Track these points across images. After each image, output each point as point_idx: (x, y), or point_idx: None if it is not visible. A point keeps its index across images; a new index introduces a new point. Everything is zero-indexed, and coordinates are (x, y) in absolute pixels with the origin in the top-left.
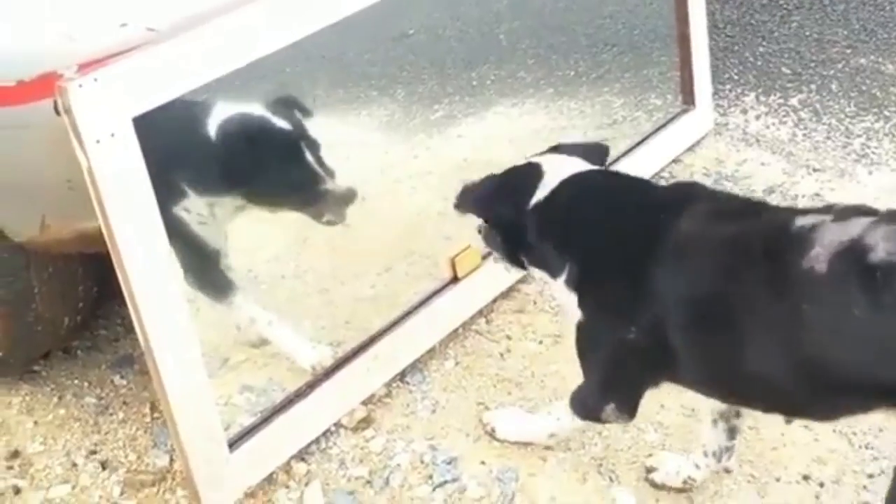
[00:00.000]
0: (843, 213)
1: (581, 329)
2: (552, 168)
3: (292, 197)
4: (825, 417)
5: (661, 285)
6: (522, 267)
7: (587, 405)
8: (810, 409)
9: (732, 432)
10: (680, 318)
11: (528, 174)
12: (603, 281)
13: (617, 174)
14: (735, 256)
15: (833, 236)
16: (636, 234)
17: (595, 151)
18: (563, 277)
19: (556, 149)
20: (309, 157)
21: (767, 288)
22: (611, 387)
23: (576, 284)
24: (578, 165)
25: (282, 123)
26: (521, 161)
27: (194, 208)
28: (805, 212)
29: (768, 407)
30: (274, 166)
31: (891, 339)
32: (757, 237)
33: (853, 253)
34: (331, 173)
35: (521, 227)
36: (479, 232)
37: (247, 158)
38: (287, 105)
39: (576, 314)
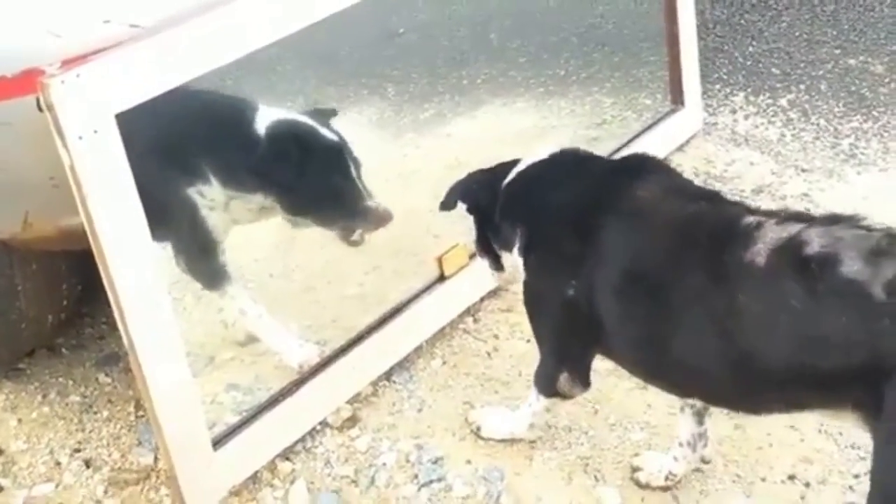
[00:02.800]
0: (786, 217)
1: (525, 287)
2: (527, 157)
3: (334, 210)
4: (749, 410)
5: (602, 247)
6: (496, 257)
7: (544, 378)
8: (734, 400)
9: (700, 416)
10: (615, 283)
11: (507, 164)
12: (547, 238)
13: (575, 150)
14: (679, 237)
15: (774, 234)
16: (583, 196)
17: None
18: (516, 246)
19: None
20: (353, 171)
21: (705, 275)
22: (559, 353)
23: (524, 248)
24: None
25: (329, 133)
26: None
27: (209, 194)
28: (754, 211)
29: (689, 392)
30: (322, 177)
31: (824, 327)
32: (705, 224)
33: (790, 247)
34: (369, 193)
35: (492, 209)
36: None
37: (295, 165)
38: (324, 115)
39: (522, 276)
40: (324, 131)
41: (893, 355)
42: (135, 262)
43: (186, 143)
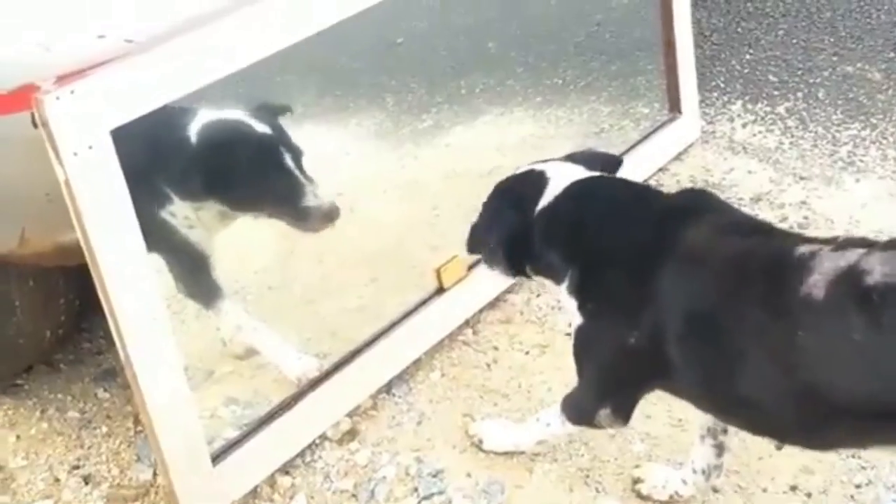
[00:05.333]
0: (843, 244)
1: (580, 332)
2: (557, 174)
3: (271, 202)
4: (819, 447)
5: (663, 293)
6: (527, 276)
7: (581, 409)
8: (803, 437)
9: (720, 449)
10: (678, 328)
11: (534, 181)
12: (606, 285)
13: (622, 180)
14: (736, 275)
15: (831, 263)
16: (641, 239)
17: (609, 162)
18: (565, 284)
19: (570, 157)
20: (289, 161)
21: (765, 311)
22: (607, 391)
23: (577, 290)
24: (581, 171)
25: (261, 127)
26: (522, 168)
27: (180, 213)
28: (808, 240)
29: (760, 430)
30: (252, 170)
31: (890, 361)
32: (759, 259)
33: (850, 278)
34: (311, 181)
35: (527, 234)
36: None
37: (224, 163)
38: (269, 110)
39: (576, 319)
40: (255, 126)
41: None
42: (131, 278)
43: (145, 165)
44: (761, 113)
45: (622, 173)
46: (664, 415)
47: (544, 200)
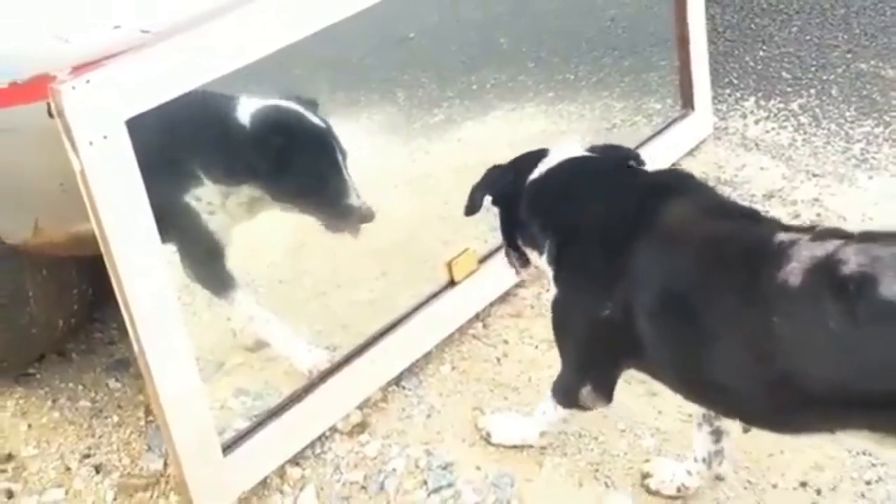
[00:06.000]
0: (821, 234)
1: (556, 304)
2: (556, 152)
3: (317, 196)
4: (788, 431)
5: (638, 268)
6: (521, 253)
7: (565, 389)
8: (772, 422)
9: (717, 435)
10: (651, 305)
11: (534, 156)
12: (581, 257)
13: (610, 159)
14: (713, 257)
15: (808, 252)
16: (620, 213)
17: (628, 157)
18: (545, 254)
19: (589, 148)
20: (340, 158)
21: (740, 295)
22: (585, 367)
23: (554, 259)
24: (579, 151)
25: (318, 121)
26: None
27: (205, 197)
28: (787, 228)
29: (729, 411)
30: (308, 161)
31: (864, 349)
32: (737, 243)
33: (826, 267)
34: (354, 186)
35: (517, 202)
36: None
37: (281, 150)
38: (313, 105)
39: (552, 290)
40: (310, 116)
41: None
42: (145, 268)
43: (175, 147)
44: (774, 109)
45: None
46: (674, 410)
47: (536, 172)
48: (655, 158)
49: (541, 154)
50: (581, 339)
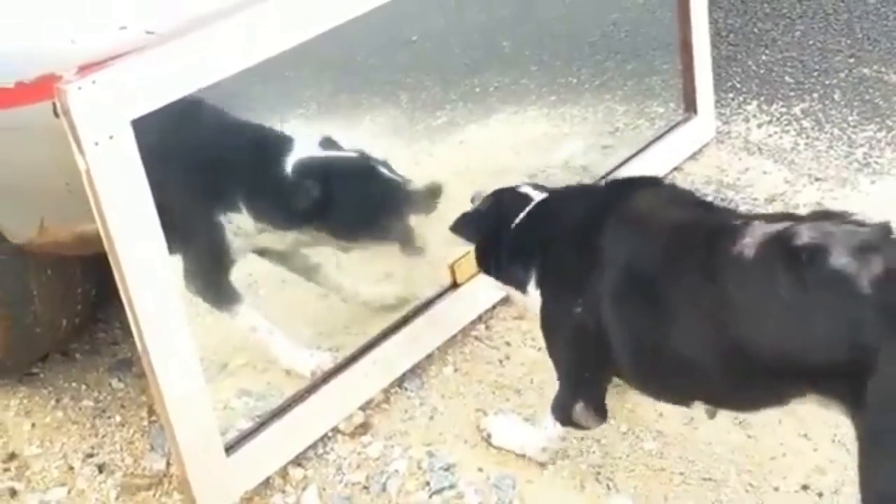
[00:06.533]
0: (775, 217)
1: (542, 313)
2: (537, 196)
3: (382, 216)
4: (748, 406)
5: (601, 259)
6: (493, 275)
7: (561, 407)
8: (731, 396)
9: None
10: (613, 292)
11: (515, 201)
12: (557, 263)
13: (581, 184)
14: (670, 240)
15: (762, 230)
16: (585, 215)
17: None
18: (532, 282)
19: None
20: (383, 170)
21: (697, 272)
22: (574, 379)
23: (540, 280)
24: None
25: (344, 153)
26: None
27: (237, 221)
28: (745, 215)
29: (690, 394)
30: (355, 192)
31: (812, 317)
32: (695, 227)
33: (779, 240)
34: (407, 179)
35: (499, 249)
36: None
37: (325, 196)
38: (328, 142)
39: (539, 304)
40: (340, 154)
41: (875, 349)
42: (149, 268)
43: (221, 171)
44: (777, 114)
45: (633, 172)
46: (676, 413)
47: (517, 219)
48: (658, 162)
49: (520, 199)
50: (565, 346)
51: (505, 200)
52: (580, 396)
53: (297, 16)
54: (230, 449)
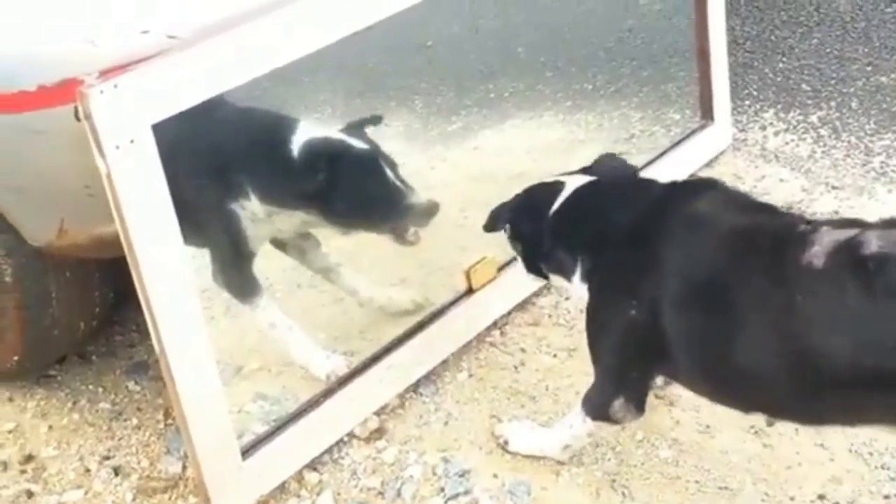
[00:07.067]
0: (842, 223)
1: (588, 309)
2: (571, 182)
3: (379, 216)
4: (813, 419)
5: (661, 262)
6: (543, 276)
7: (597, 400)
8: (797, 409)
9: None
10: (674, 296)
11: (548, 187)
12: (610, 261)
13: (625, 172)
14: (736, 246)
15: (830, 237)
16: (642, 215)
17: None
18: (577, 275)
19: (588, 169)
20: (389, 173)
21: (764, 280)
22: (618, 376)
23: (588, 274)
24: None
25: (363, 146)
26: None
27: (250, 208)
28: (811, 221)
29: (754, 404)
30: (360, 188)
31: (881, 326)
32: (761, 232)
33: (848, 248)
34: (411, 188)
35: (541, 236)
36: (509, 238)
37: (330, 183)
38: (359, 126)
39: (586, 299)
40: (355, 143)
41: None
42: (168, 271)
43: (227, 158)
44: (794, 121)
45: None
46: (692, 421)
47: (556, 205)
48: (674, 169)
49: (555, 186)
50: (614, 345)
51: (535, 191)
52: (622, 392)
53: (319, 20)
54: (246, 453)
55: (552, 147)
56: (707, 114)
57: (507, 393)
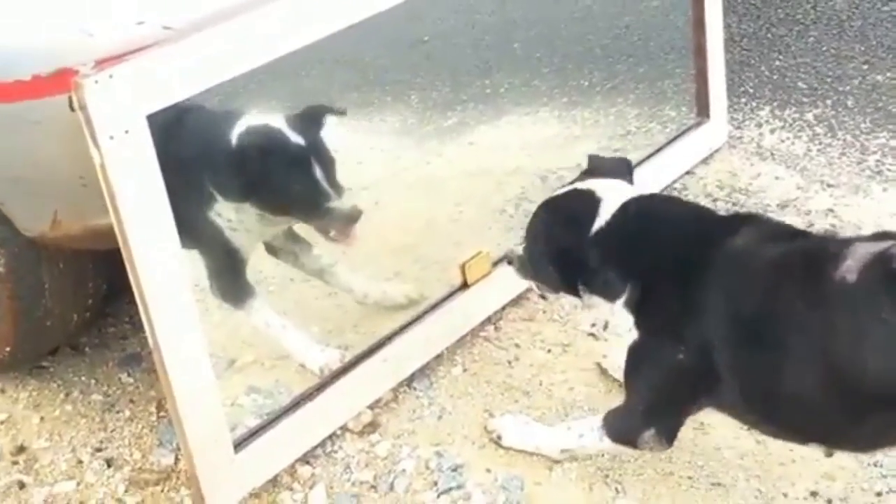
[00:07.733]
0: (876, 236)
1: (634, 350)
2: (607, 194)
3: (296, 209)
4: (865, 445)
5: (709, 305)
6: (577, 295)
7: (624, 427)
8: (846, 433)
9: None
10: (725, 336)
11: (586, 202)
12: (658, 296)
13: (673, 198)
14: (775, 274)
15: (863, 250)
16: (691, 257)
17: (622, 167)
18: (622, 300)
19: (590, 172)
20: (317, 173)
21: (803, 302)
22: (655, 412)
23: (635, 306)
24: (627, 188)
25: (296, 138)
26: (565, 188)
27: (224, 213)
28: (844, 240)
29: (807, 434)
30: (281, 178)
31: None
32: (796, 256)
33: (881, 262)
34: (339, 191)
35: (582, 254)
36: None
37: (258, 168)
38: (311, 118)
39: (631, 336)
40: (289, 136)
41: None
42: (162, 263)
43: (195, 163)
44: (789, 119)
45: (644, 175)
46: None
47: (600, 220)
48: (669, 166)
49: (587, 197)
50: (657, 385)
51: (563, 203)
52: (654, 424)
53: (315, 13)
54: (238, 446)
55: (548, 143)
56: (703, 111)
57: (500, 388)
